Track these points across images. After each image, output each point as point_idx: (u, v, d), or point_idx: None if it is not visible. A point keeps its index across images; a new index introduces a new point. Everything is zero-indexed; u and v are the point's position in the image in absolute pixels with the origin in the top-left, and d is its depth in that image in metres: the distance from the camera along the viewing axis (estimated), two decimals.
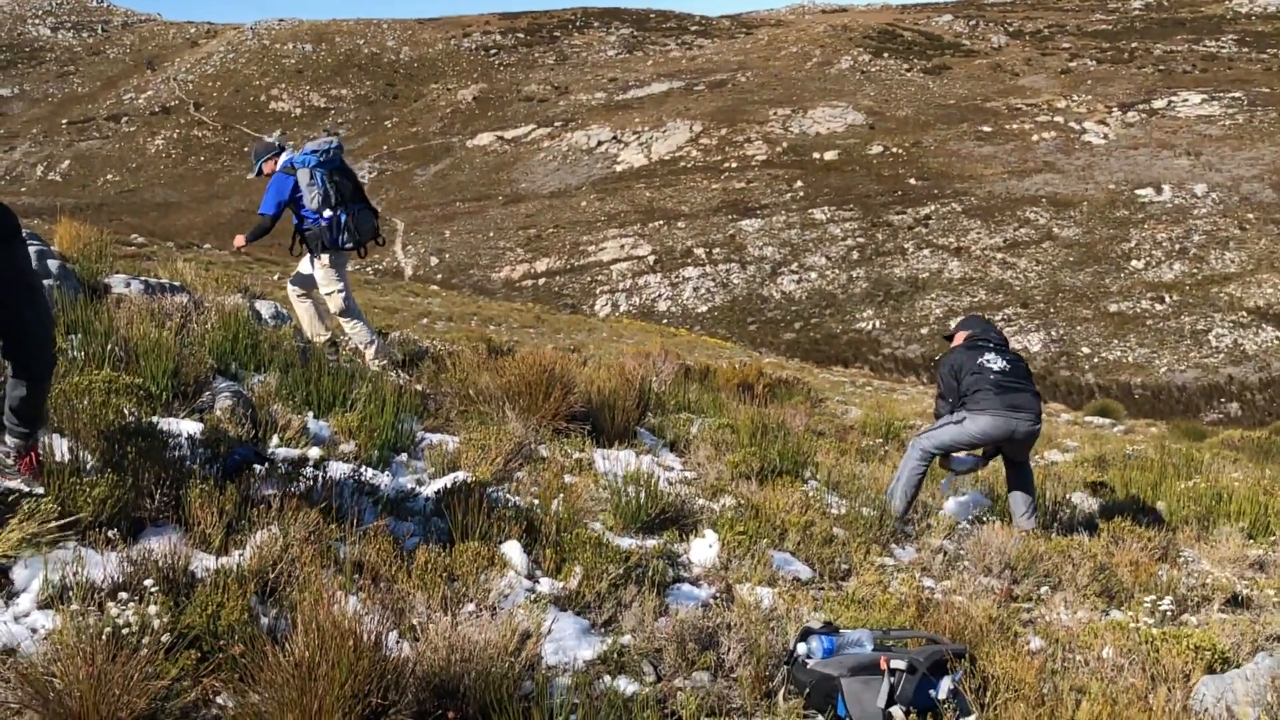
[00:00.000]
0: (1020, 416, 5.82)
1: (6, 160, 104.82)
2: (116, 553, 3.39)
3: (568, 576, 3.99)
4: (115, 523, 3.55)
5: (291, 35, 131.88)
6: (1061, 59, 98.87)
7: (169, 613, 2.98)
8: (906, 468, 6.03)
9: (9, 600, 3.16)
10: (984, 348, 6.10)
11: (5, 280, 3.57)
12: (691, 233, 66.60)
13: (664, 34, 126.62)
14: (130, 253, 22.18)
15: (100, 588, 3.16)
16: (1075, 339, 53.04)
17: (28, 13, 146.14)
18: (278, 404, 5.22)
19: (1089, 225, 63.22)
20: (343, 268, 7.35)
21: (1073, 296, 56.47)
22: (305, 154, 7.09)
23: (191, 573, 3.38)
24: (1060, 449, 11.23)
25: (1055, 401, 34.27)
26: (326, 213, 7.00)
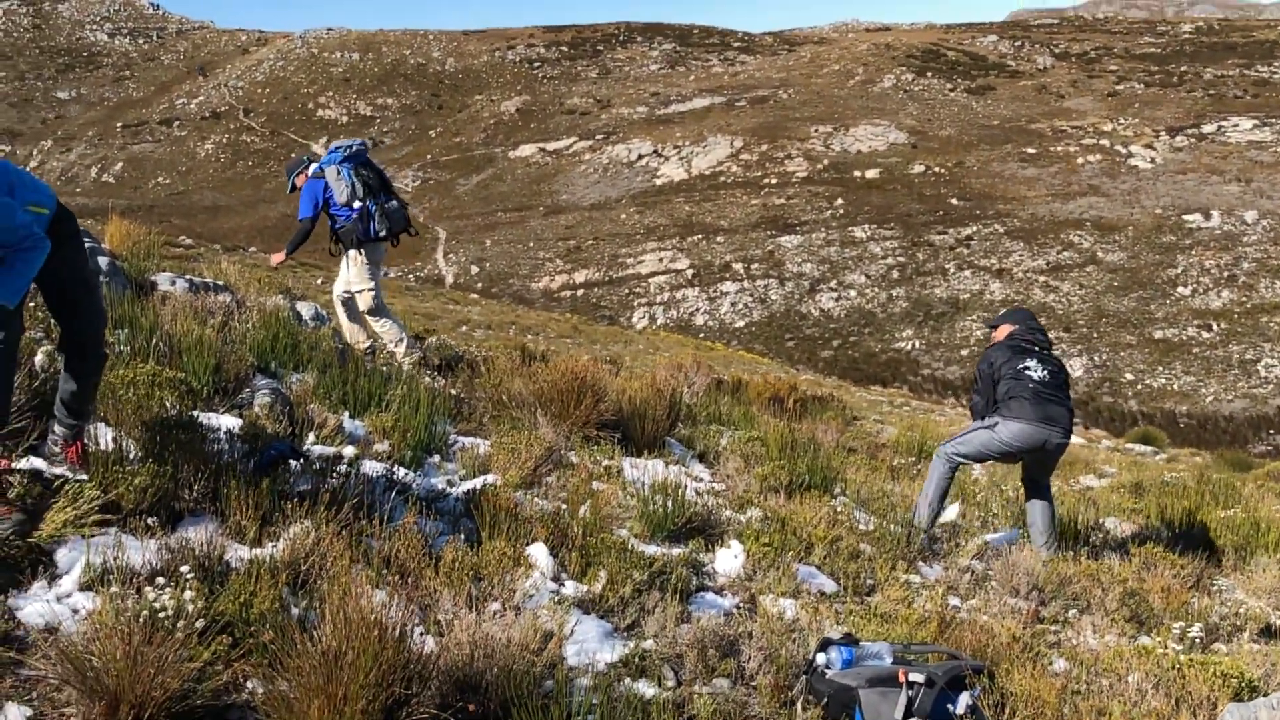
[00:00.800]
0: (1053, 429, 5.76)
1: (63, 162, 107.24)
2: (155, 540, 3.49)
3: (592, 580, 4.04)
4: (155, 511, 3.65)
5: (340, 44, 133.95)
6: (1108, 81, 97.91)
7: (203, 599, 3.06)
8: (934, 476, 6.01)
9: (52, 581, 3.26)
10: (1027, 351, 6.00)
11: (64, 278, 3.72)
12: (730, 248, 66.61)
13: (707, 50, 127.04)
14: (178, 253, 22.61)
15: (139, 573, 3.26)
16: (1119, 365, 52.31)
17: (86, 19, 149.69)
18: (315, 403, 5.32)
19: (1134, 250, 62.40)
20: (377, 265, 7.46)
21: (1117, 322, 55.73)
22: (330, 153, 7.29)
23: (226, 562, 3.47)
24: (1097, 474, 11.10)
25: (1097, 428, 33.84)
26: (355, 204, 7.14)
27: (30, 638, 2.94)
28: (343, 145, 7.39)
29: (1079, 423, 39.60)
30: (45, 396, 4.14)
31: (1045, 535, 5.96)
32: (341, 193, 7.15)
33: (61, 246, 3.71)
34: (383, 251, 7.54)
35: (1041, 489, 6.09)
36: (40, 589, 3.23)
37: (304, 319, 7.33)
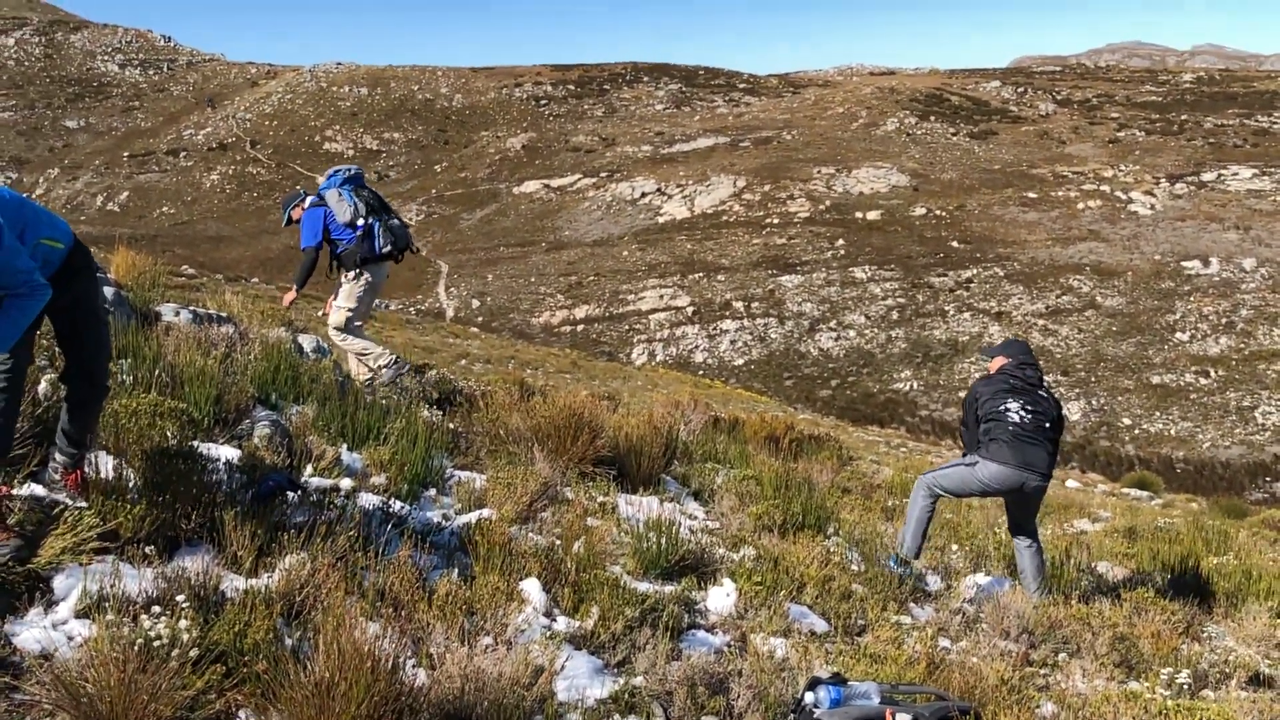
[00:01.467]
0: (1030, 473, 5.80)
1: (69, 190, 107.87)
2: (152, 568, 3.53)
3: (584, 616, 4.07)
4: (153, 540, 3.69)
5: (348, 79, 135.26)
6: (1109, 128, 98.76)
7: (198, 628, 3.10)
8: (915, 506, 6.05)
9: (49, 608, 3.30)
10: (1014, 390, 6.01)
11: (75, 310, 3.80)
12: (731, 286, 66.86)
13: (712, 90, 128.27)
14: (181, 283, 22.73)
15: (135, 601, 3.30)
16: (1116, 409, 52.32)
17: (98, 49, 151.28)
18: (314, 435, 5.37)
19: (1133, 295, 62.63)
20: (376, 289, 7.47)
21: (1114, 366, 55.82)
22: (329, 178, 7.35)
23: (222, 592, 3.51)
24: (1091, 518, 11.12)
25: (1093, 472, 33.79)
26: (360, 222, 7.17)
27: (26, 663, 2.97)
28: (340, 170, 7.46)
29: (1074, 466, 39.39)
30: (47, 424, 4.20)
31: (1035, 580, 5.97)
32: (344, 213, 7.18)
33: (75, 279, 3.79)
34: (385, 274, 7.55)
35: (1028, 532, 6.11)
36: (37, 615, 3.26)
37: (305, 351, 7.39)
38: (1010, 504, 6.11)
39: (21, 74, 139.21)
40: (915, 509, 6.06)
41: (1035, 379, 6.12)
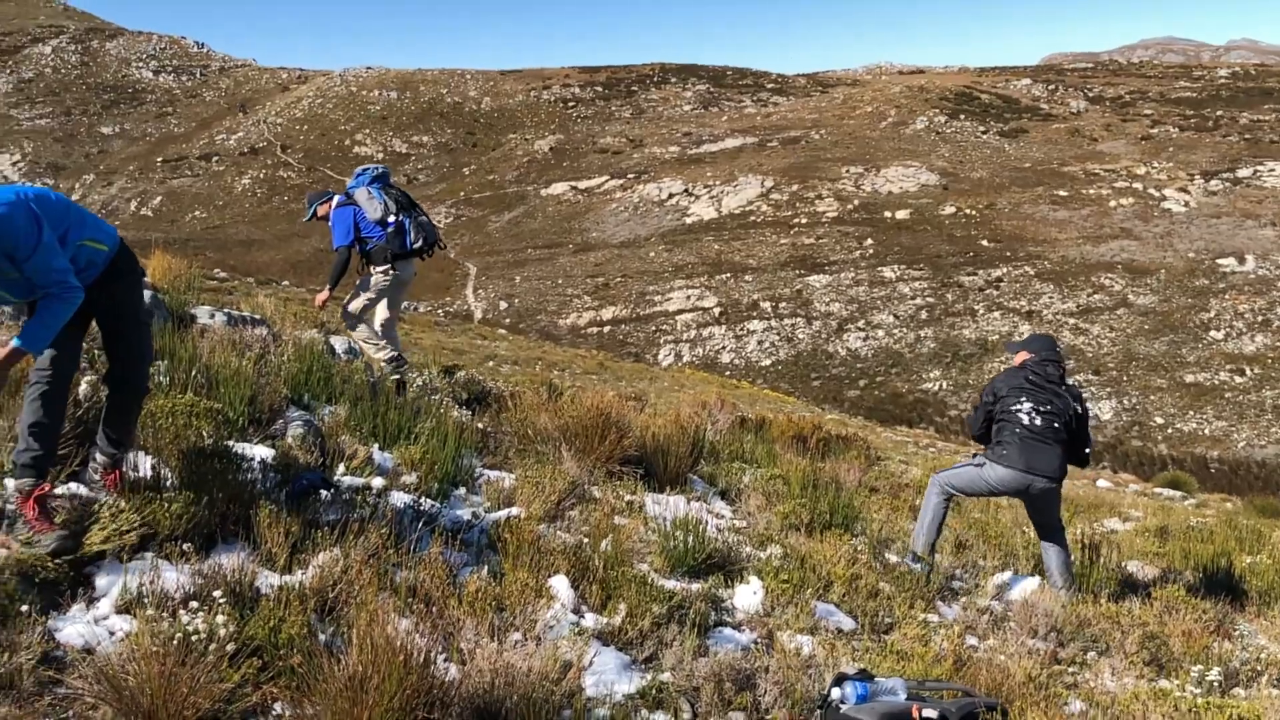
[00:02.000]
0: (1036, 477, 5.79)
1: (104, 195, 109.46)
2: (189, 565, 3.61)
3: (612, 613, 4.11)
4: (190, 537, 3.77)
5: (378, 83, 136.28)
6: (1143, 125, 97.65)
7: (234, 623, 3.18)
8: (929, 506, 6.07)
9: (90, 604, 3.39)
10: (1030, 388, 5.98)
11: (115, 311, 3.90)
12: (758, 286, 66.72)
13: (740, 90, 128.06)
14: (213, 286, 23.01)
15: (173, 597, 3.38)
16: (1148, 409, 51.71)
17: (133, 56, 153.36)
18: (346, 434, 5.45)
19: (1166, 293, 61.89)
20: (404, 286, 7.55)
21: (1147, 365, 55.18)
22: (357, 178, 7.44)
23: (257, 588, 3.59)
24: (1122, 518, 11.02)
25: (1125, 472, 33.42)
26: (390, 219, 7.25)
27: (69, 658, 3.06)
28: (368, 169, 7.55)
29: (1106, 466, 38.99)
30: (88, 425, 4.30)
31: (1062, 578, 5.95)
32: (375, 210, 7.26)
33: (117, 281, 3.88)
34: (413, 271, 7.62)
35: (1051, 531, 6.09)
36: (79, 611, 3.35)
37: (337, 352, 7.49)
38: (1025, 505, 6.11)
39: (58, 81, 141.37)
40: (929, 507, 6.09)
41: (1056, 376, 6.08)
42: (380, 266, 7.34)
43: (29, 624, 3.06)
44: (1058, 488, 5.96)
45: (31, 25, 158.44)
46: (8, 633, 3.00)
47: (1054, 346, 6.32)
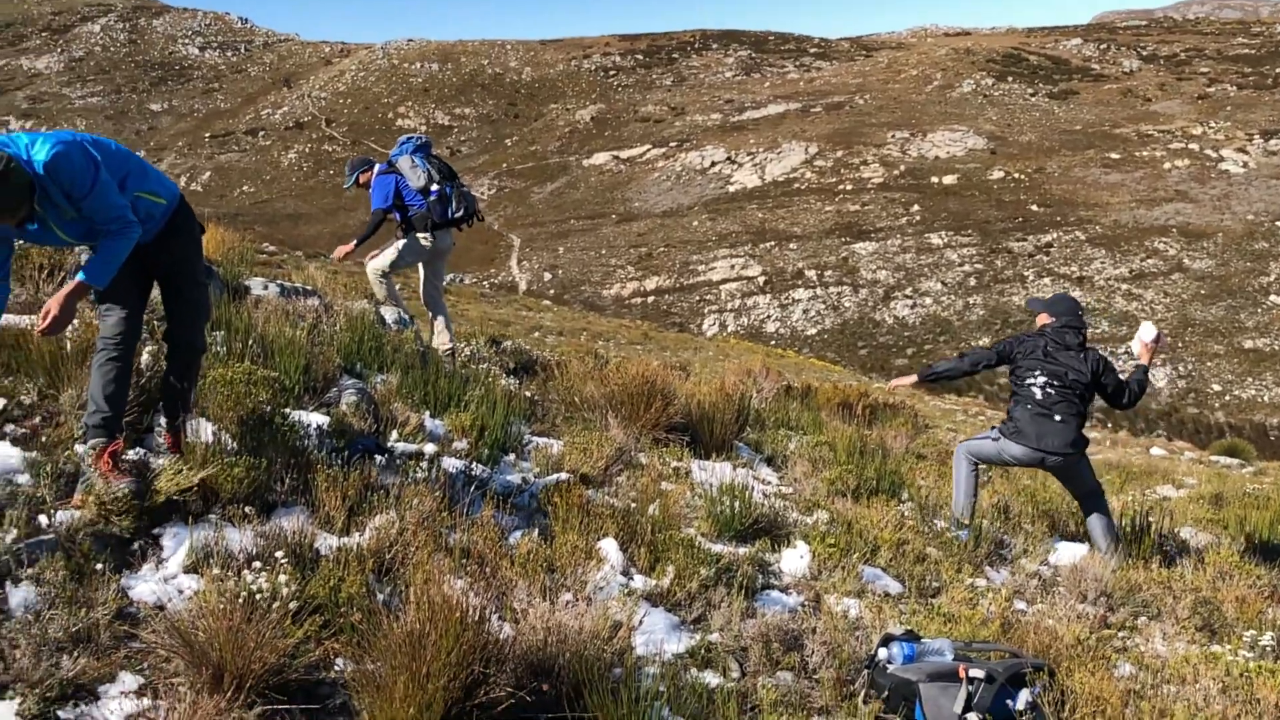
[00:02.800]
0: (1048, 452, 5.74)
1: None
2: (251, 527, 3.73)
3: (660, 575, 4.18)
4: (251, 500, 3.89)
5: (420, 55, 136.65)
6: (1199, 84, 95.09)
7: (296, 583, 3.28)
8: (959, 474, 6.07)
9: (159, 564, 3.52)
10: (1044, 361, 5.89)
11: (174, 270, 4.01)
12: (803, 254, 66.28)
13: (782, 56, 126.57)
14: (263, 260, 23.36)
15: (236, 557, 3.50)
16: (1205, 375, 50.74)
17: (179, 33, 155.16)
18: (398, 402, 5.56)
19: (1223, 257, 60.50)
20: (443, 256, 7.61)
21: (1203, 331, 54.07)
22: (401, 146, 7.51)
23: (316, 549, 3.70)
24: (1176, 485, 10.88)
25: (1180, 440, 32.89)
26: (433, 187, 7.32)
27: (142, 614, 3.19)
28: (411, 138, 7.62)
29: (1161, 434, 38.32)
30: (151, 393, 4.43)
31: (1105, 541, 5.90)
32: (418, 179, 7.32)
33: (175, 238, 4.00)
34: (451, 241, 7.65)
35: (1089, 497, 6.03)
36: (149, 570, 3.49)
37: (387, 322, 7.61)
38: (1052, 475, 6.11)
39: (108, 59, 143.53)
40: (959, 475, 6.09)
41: (1076, 343, 5.96)
42: (421, 234, 7.40)
43: (104, 582, 3.19)
44: (1077, 458, 5.89)
45: (80, 3, 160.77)
46: (85, 590, 3.13)
47: (1077, 310, 6.15)
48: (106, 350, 3.82)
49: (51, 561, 3.18)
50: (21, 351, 4.44)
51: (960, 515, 5.95)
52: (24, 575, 3.13)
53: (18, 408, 4.20)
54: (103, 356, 3.81)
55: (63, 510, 3.51)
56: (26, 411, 4.21)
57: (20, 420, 4.14)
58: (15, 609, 3.01)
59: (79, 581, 3.17)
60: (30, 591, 3.08)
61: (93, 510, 3.53)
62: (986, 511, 6.55)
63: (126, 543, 3.55)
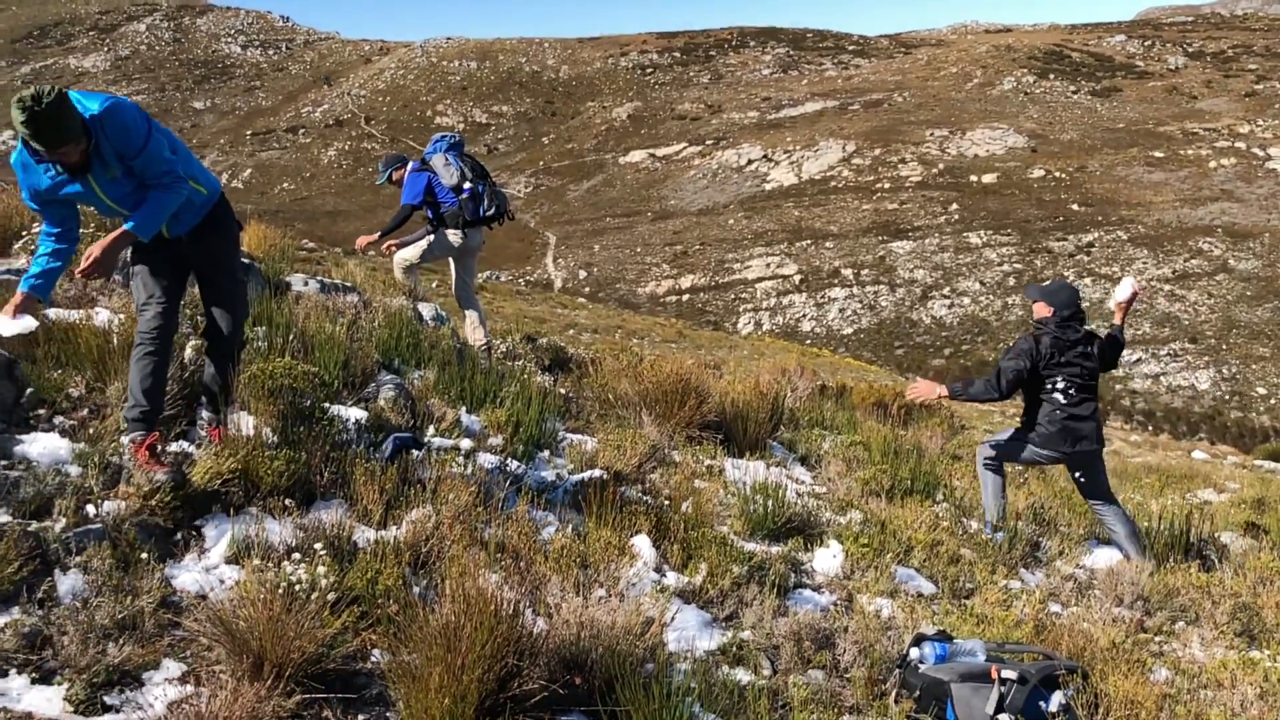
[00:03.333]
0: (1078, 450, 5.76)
1: None
2: (291, 519, 3.80)
3: (693, 572, 4.20)
4: (290, 493, 3.97)
5: (458, 53, 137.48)
6: (1246, 81, 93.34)
7: (334, 574, 3.35)
8: (985, 476, 6.03)
9: (201, 554, 3.60)
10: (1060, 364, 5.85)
11: (210, 259, 4.09)
12: (840, 253, 65.91)
13: (820, 53, 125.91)
14: (303, 256, 23.63)
15: (276, 549, 3.57)
16: (1250, 378, 49.82)
17: (222, 32, 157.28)
18: (435, 398, 5.62)
19: (1270, 258, 59.36)
20: (473, 254, 7.71)
21: (1249, 333, 53.09)
22: (434, 144, 7.60)
23: (354, 542, 3.76)
24: (1217, 489, 10.72)
25: (1223, 443, 32.36)
26: (466, 185, 7.40)
27: (184, 602, 3.26)
28: (444, 136, 7.71)
29: (1203, 438, 37.65)
30: (193, 387, 4.53)
31: (1131, 543, 5.84)
32: (451, 177, 7.41)
33: (214, 232, 4.09)
34: (481, 239, 7.73)
35: (1102, 494, 5.98)
36: (191, 560, 3.56)
37: (425, 319, 7.68)
38: (1069, 470, 6.05)
39: (153, 58, 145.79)
40: (986, 479, 6.04)
41: (1079, 337, 5.90)
42: (452, 230, 7.49)
43: (149, 571, 3.27)
44: (1099, 450, 5.90)
45: (126, 3, 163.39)
46: (130, 578, 3.21)
47: (1076, 300, 6.00)
48: (144, 345, 3.91)
49: (99, 550, 3.26)
50: (70, 345, 4.55)
51: (994, 519, 5.92)
52: (72, 563, 3.21)
53: (66, 400, 4.30)
54: (140, 351, 3.90)
55: (109, 501, 3.60)
56: (75, 404, 4.31)
57: (69, 412, 4.25)
58: (64, 596, 3.09)
59: (125, 570, 3.25)
60: (78, 579, 3.16)
61: (136, 501, 3.61)
62: (1022, 513, 6.51)
63: (170, 533, 3.63)
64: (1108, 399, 47.19)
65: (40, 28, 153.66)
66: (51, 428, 4.07)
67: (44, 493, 3.50)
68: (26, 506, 3.42)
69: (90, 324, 4.75)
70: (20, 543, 3.14)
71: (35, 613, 3.00)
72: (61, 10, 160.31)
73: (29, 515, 3.39)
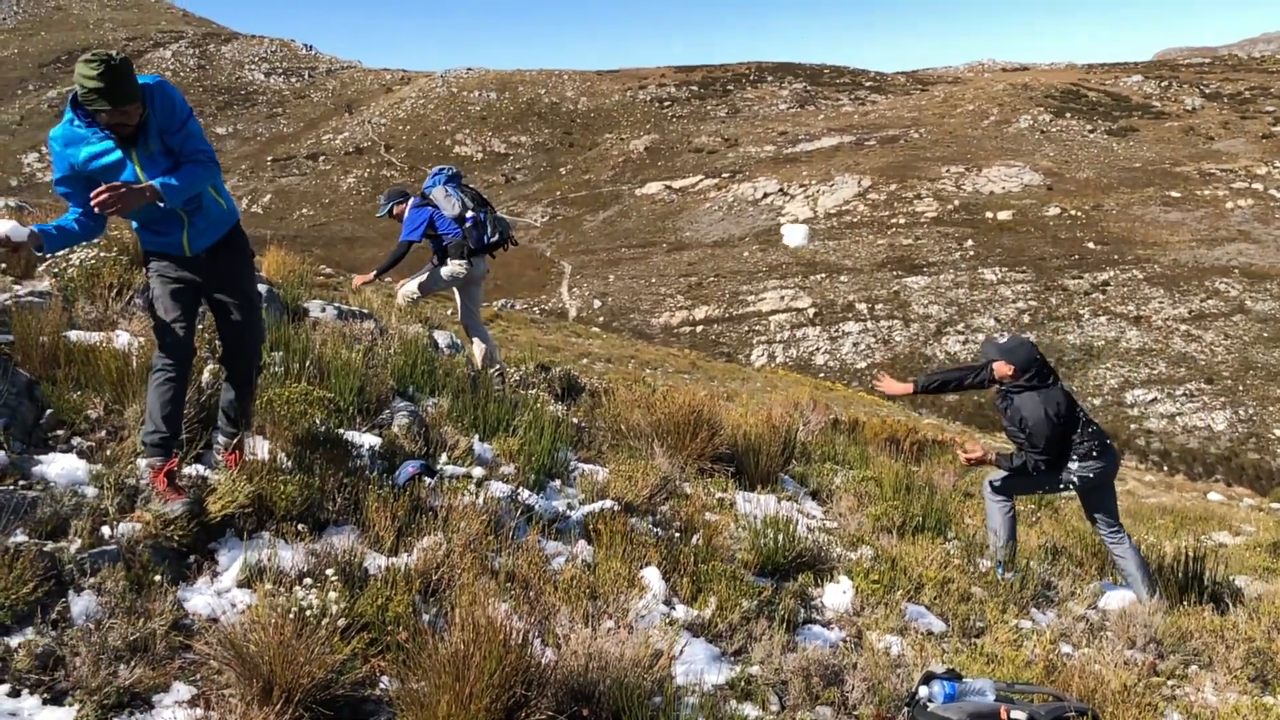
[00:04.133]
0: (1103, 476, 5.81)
1: None
2: (303, 544, 3.82)
3: (702, 605, 4.20)
4: (304, 518, 3.99)
5: (478, 83, 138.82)
6: (1264, 123, 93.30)
7: (345, 600, 3.36)
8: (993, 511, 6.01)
9: (214, 578, 3.62)
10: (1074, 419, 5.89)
11: (225, 284, 4.13)
12: (854, 287, 65.90)
13: (837, 89, 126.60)
14: (320, 282, 23.80)
15: (288, 574, 3.59)
16: (1267, 420, 49.40)
17: (246, 59, 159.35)
18: (448, 425, 5.66)
19: None
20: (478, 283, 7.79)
21: (1266, 374, 52.71)
22: (433, 178, 7.72)
23: (365, 568, 3.78)
24: (1233, 531, 10.63)
25: (1240, 485, 32.07)
26: (468, 214, 7.51)
27: (196, 625, 3.28)
28: (442, 169, 7.82)
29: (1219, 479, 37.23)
30: (210, 411, 4.57)
31: (1143, 581, 5.80)
32: (453, 207, 7.52)
33: (227, 255, 4.11)
34: (486, 267, 7.83)
35: (1115, 531, 5.96)
36: (204, 584, 3.59)
37: (440, 346, 7.74)
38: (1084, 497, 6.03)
39: (178, 84, 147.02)
40: (995, 514, 6.00)
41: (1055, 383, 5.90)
42: (457, 260, 7.58)
43: (162, 593, 3.29)
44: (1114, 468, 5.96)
45: (153, 30, 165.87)
46: (143, 600, 3.24)
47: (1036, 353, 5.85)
48: (164, 370, 3.94)
49: (112, 572, 3.29)
50: (90, 367, 4.60)
51: (1004, 558, 5.89)
52: (86, 585, 3.24)
53: (85, 421, 4.35)
54: (160, 376, 3.94)
55: (124, 523, 3.63)
56: (93, 425, 4.36)
57: (87, 433, 4.29)
58: (77, 617, 3.12)
59: (138, 592, 3.27)
60: (91, 600, 3.19)
61: (152, 526, 3.64)
62: (1034, 552, 6.48)
63: (183, 555, 3.65)
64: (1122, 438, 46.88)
65: (68, 52, 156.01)
66: (70, 449, 4.11)
67: (60, 513, 3.53)
68: (43, 527, 3.45)
69: (110, 346, 4.80)
70: (36, 563, 3.17)
71: (49, 633, 3.03)
72: (89, 36, 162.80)
73: (45, 535, 3.43)
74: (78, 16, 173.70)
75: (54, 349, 4.65)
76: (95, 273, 5.80)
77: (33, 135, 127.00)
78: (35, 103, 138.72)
